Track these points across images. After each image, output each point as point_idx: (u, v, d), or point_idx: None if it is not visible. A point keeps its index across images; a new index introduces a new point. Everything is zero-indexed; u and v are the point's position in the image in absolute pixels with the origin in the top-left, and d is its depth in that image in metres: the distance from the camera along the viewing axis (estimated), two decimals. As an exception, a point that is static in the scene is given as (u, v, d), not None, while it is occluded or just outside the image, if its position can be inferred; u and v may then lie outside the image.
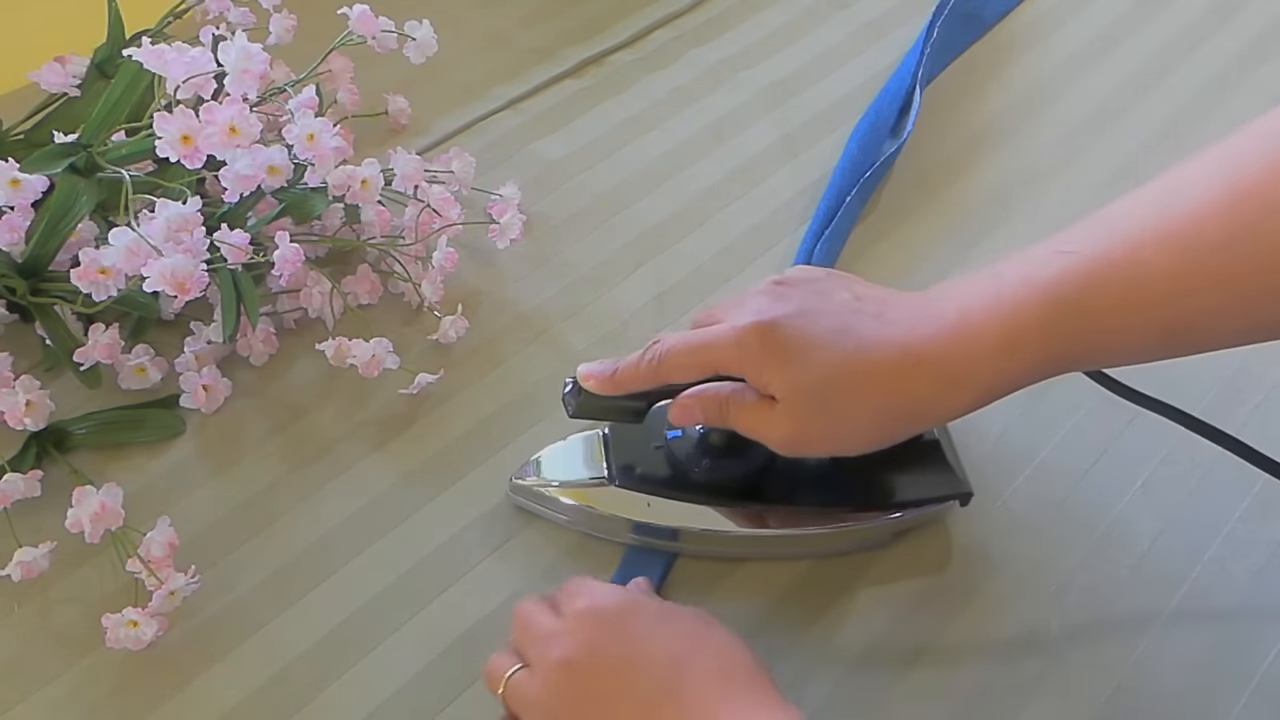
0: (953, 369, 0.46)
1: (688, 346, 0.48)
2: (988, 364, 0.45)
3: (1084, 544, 0.55)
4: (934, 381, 0.46)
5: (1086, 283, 0.44)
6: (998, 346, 0.45)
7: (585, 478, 0.54)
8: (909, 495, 0.53)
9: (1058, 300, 0.45)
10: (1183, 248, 0.44)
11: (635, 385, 0.50)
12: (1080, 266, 0.45)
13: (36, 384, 0.55)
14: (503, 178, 0.67)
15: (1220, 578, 0.54)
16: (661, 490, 0.53)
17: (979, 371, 0.46)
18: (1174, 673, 0.51)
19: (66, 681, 0.49)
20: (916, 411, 0.47)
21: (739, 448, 0.51)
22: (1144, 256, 0.44)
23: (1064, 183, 0.73)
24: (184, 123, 0.53)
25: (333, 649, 0.51)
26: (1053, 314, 0.45)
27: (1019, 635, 0.52)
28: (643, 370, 0.49)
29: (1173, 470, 0.58)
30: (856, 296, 0.48)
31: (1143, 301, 0.44)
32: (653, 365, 0.49)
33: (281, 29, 0.67)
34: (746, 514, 0.53)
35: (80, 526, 0.51)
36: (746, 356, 0.47)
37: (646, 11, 0.83)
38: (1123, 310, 0.44)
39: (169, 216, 0.51)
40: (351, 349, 0.58)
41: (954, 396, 0.46)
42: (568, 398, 0.51)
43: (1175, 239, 0.44)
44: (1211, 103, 0.78)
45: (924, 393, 0.46)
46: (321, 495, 0.56)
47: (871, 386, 0.46)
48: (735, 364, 0.47)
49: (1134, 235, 0.45)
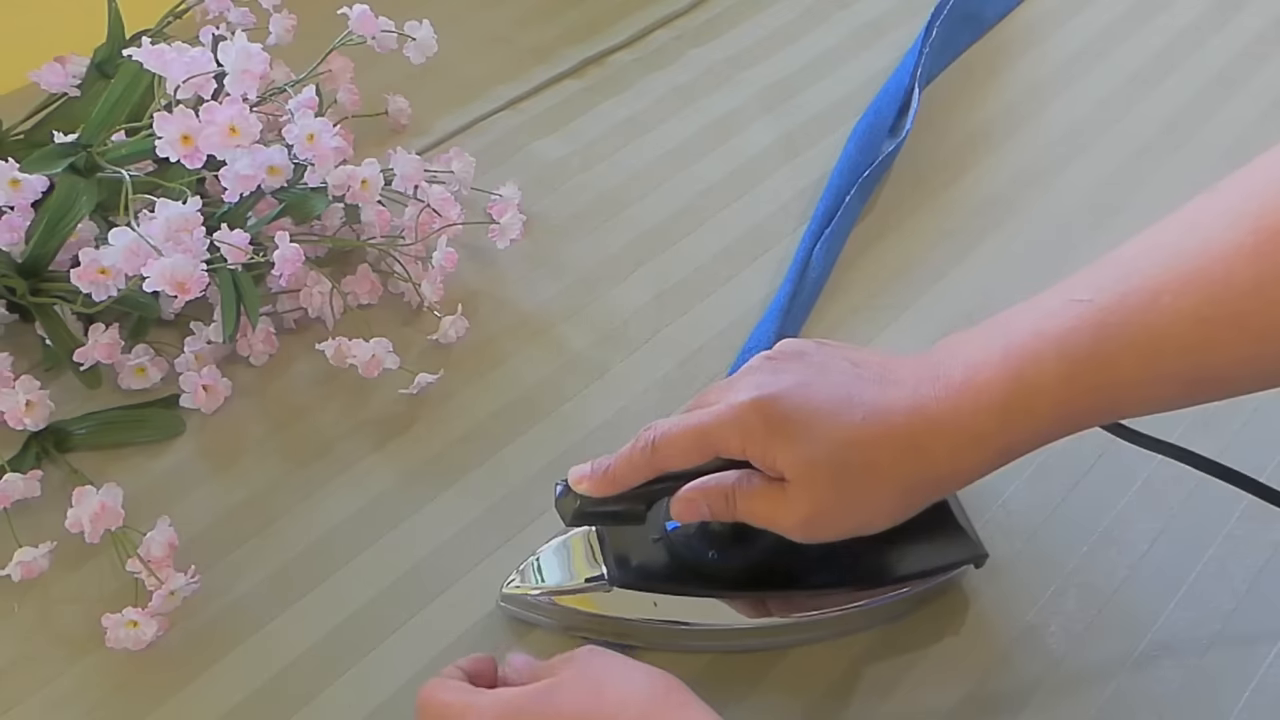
0: (966, 430, 0.43)
1: (683, 431, 0.45)
2: (1001, 423, 0.43)
3: (1084, 544, 0.55)
4: (948, 444, 0.43)
5: (1101, 334, 0.42)
6: (1010, 405, 0.42)
7: (580, 581, 0.50)
8: (922, 565, 0.50)
9: (1071, 354, 0.42)
10: (1207, 294, 0.40)
11: (631, 479, 0.46)
12: (1094, 317, 0.42)
13: (36, 384, 0.55)
14: (503, 178, 0.67)
15: (1220, 578, 0.54)
16: (666, 587, 0.49)
17: (992, 431, 0.43)
18: (1174, 673, 0.51)
19: (66, 681, 0.49)
20: (936, 478, 0.44)
21: (744, 534, 0.47)
22: (1164, 304, 0.41)
23: (1063, 183, 0.73)
24: (184, 123, 0.53)
25: (333, 649, 0.51)
26: (1067, 369, 0.42)
27: (1018, 635, 0.52)
28: (637, 460, 0.45)
29: (1173, 470, 0.58)
30: (854, 363, 0.46)
31: (1163, 353, 0.41)
32: (647, 454, 0.45)
33: (281, 29, 0.67)
34: (756, 603, 0.49)
35: (80, 526, 0.51)
36: (749, 436, 0.43)
37: (646, 11, 0.83)
38: (1141, 363, 0.41)
39: (169, 216, 0.51)
40: (351, 349, 0.58)
41: (969, 458, 0.43)
42: (561, 504, 0.47)
43: (1198, 284, 0.41)
44: (1211, 103, 0.78)
45: (941, 455, 0.43)
46: (321, 495, 0.56)
47: (889, 453, 0.43)
48: (737, 445, 0.44)
49: (1152, 280, 0.42)
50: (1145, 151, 0.75)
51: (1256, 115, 0.77)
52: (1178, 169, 0.74)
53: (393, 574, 0.53)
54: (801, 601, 0.50)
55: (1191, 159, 0.74)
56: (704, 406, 0.46)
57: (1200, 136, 0.76)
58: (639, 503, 0.47)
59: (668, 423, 0.46)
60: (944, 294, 0.66)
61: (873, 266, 0.67)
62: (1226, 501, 0.57)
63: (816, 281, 0.65)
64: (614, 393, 0.60)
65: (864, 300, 0.65)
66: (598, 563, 0.50)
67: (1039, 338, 0.43)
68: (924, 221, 0.70)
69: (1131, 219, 0.70)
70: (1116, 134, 0.76)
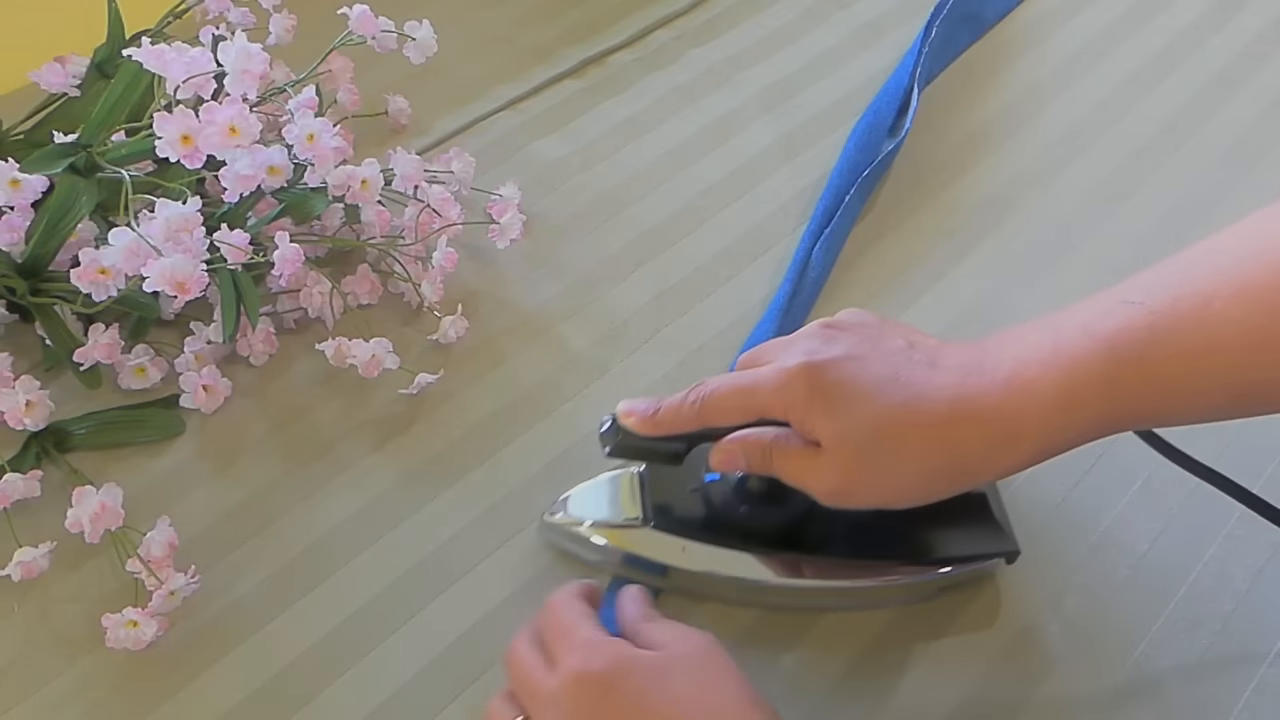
0: (1006, 425, 0.43)
1: (732, 389, 0.46)
2: (1043, 421, 0.43)
3: (1084, 544, 0.55)
4: (986, 438, 0.43)
5: (1151, 337, 0.41)
6: (1055, 403, 0.42)
7: (620, 519, 0.52)
8: (953, 551, 0.51)
9: (1119, 355, 0.42)
10: (1260, 302, 0.40)
11: (677, 427, 0.47)
12: (1144, 319, 0.42)
13: (36, 384, 0.55)
14: (503, 178, 0.67)
15: (1220, 578, 0.54)
16: (698, 535, 0.51)
17: (1033, 428, 0.43)
18: (1174, 673, 0.51)
19: (66, 681, 0.49)
20: (964, 470, 0.44)
21: (779, 494, 0.49)
22: (1214, 310, 0.41)
23: (1063, 183, 0.73)
24: (184, 123, 0.53)
25: (333, 649, 0.51)
26: (1114, 370, 0.42)
27: (1018, 635, 0.52)
28: (685, 412, 0.47)
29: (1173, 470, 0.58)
30: (910, 344, 0.46)
31: (1212, 361, 0.41)
32: (695, 407, 0.47)
33: (281, 29, 0.67)
34: (784, 563, 0.51)
35: (80, 526, 0.51)
36: (791, 400, 0.44)
37: (646, 11, 0.83)
38: (1189, 370, 0.41)
39: (169, 216, 0.51)
40: (351, 349, 0.58)
41: (1006, 453, 0.43)
42: (605, 435, 0.49)
43: (1251, 292, 0.40)
44: (1211, 103, 0.78)
45: (974, 450, 0.43)
46: (321, 495, 0.56)
47: (920, 440, 0.43)
48: (780, 408, 0.45)
49: (1205, 285, 0.41)
50: (1145, 151, 0.75)
51: (1256, 115, 0.77)
52: (1178, 169, 0.74)
53: (393, 574, 0.53)
54: (826, 568, 0.51)
55: (1191, 159, 0.74)
56: (756, 364, 0.47)
57: (1200, 137, 0.76)
58: (678, 445, 0.48)
59: (718, 380, 0.47)
60: (944, 294, 0.66)
61: (873, 266, 0.67)
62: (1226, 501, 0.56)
63: (816, 281, 0.65)
64: (614, 393, 0.60)
65: (864, 300, 0.65)
66: (636, 505, 0.52)
67: (1088, 336, 0.43)
68: (924, 221, 0.70)
69: (1131, 219, 0.70)
70: (1116, 134, 0.76)
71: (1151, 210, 0.71)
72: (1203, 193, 0.72)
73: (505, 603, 0.52)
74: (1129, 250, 0.68)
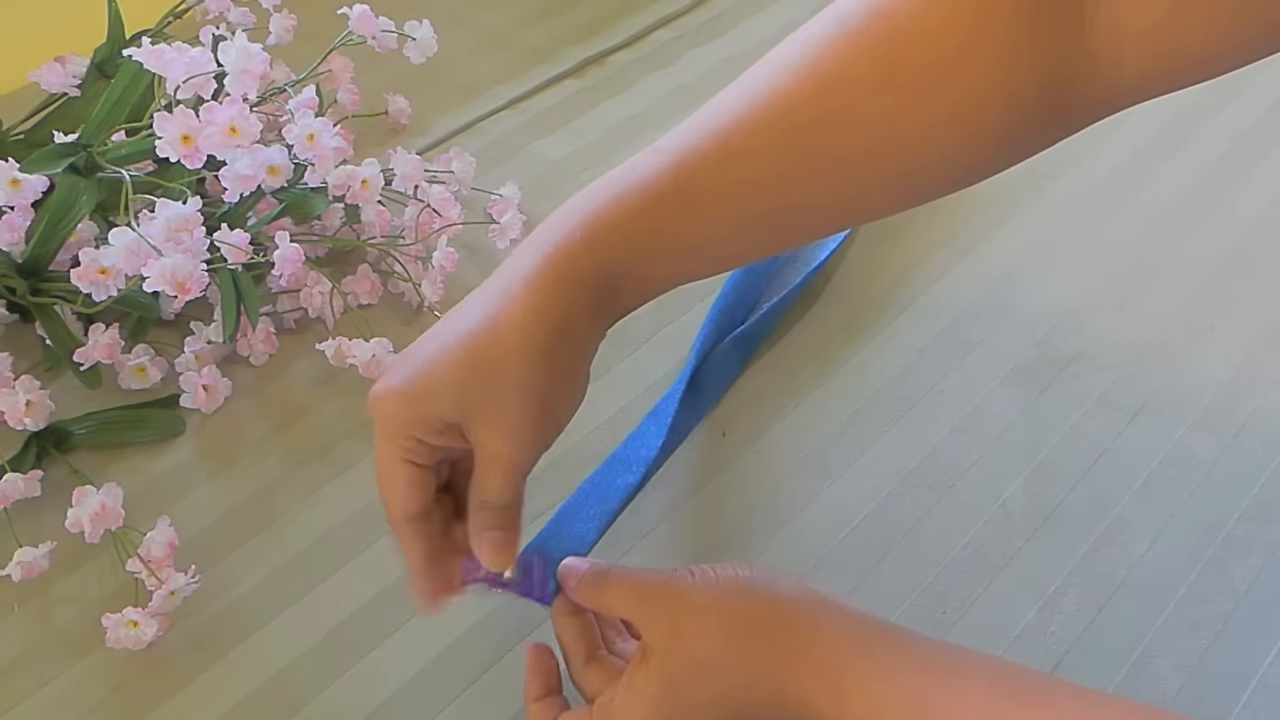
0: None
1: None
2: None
3: (1084, 544, 0.55)
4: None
5: (681, 176, 0.44)
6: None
7: None
8: None
9: (652, 207, 0.44)
10: (776, 131, 0.43)
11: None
12: (672, 169, 0.44)
13: (36, 384, 0.55)
14: (503, 178, 0.67)
15: (1220, 578, 0.54)
16: None
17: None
18: (1174, 672, 0.51)
19: (66, 681, 0.49)
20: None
21: None
22: (735, 144, 0.43)
23: (1063, 183, 0.73)
24: (184, 123, 0.53)
25: (333, 649, 0.51)
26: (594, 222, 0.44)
27: (1019, 636, 0.52)
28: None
29: (1173, 470, 0.58)
30: None
31: (741, 188, 0.43)
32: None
33: (281, 29, 0.67)
34: None
35: (80, 526, 0.51)
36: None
37: (646, 11, 0.83)
38: (721, 197, 0.44)
39: (169, 216, 0.51)
40: (351, 349, 0.58)
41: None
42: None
43: (766, 123, 0.43)
44: (1212, 104, 0.78)
45: None
46: (321, 495, 0.56)
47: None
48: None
49: (724, 125, 0.44)
50: (1145, 152, 0.75)
51: (1256, 116, 0.77)
52: (1178, 170, 0.74)
53: (393, 574, 0.53)
54: None
55: (1191, 160, 0.74)
56: None
57: (1200, 137, 0.76)
58: None
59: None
60: (944, 294, 0.66)
61: (872, 268, 0.67)
62: (1226, 501, 0.57)
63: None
64: (614, 393, 0.60)
65: (863, 300, 0.65)
66: None
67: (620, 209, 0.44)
68: (924, 222, 0.70)
69: (1131, 219, 0.70)
70: (1116, 135, 0.76)
71: (1152, 211, 0.71)
72: (1203, 193, 0.72)
73: (505, 603, 0.52)
74: (1129, 250, 0.68)
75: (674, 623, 0.42)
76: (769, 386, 0.61)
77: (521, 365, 0.42)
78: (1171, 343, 0.63)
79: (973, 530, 0.55)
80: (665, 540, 0.55)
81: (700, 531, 0.55)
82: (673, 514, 0.56)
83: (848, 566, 0.54)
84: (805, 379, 0.61)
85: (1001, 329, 0.64)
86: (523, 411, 0.42)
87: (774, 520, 0.56)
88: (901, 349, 0.63)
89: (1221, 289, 0.66)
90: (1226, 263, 0.67)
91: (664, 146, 0.45)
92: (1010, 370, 0.62)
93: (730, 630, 0.42)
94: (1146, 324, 0.64)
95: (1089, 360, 0.62)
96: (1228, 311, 0.65)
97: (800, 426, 0.59)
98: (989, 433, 0.59)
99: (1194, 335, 0.64)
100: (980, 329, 0.64)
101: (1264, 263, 0.67)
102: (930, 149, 0.44)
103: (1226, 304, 0.65)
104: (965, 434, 0.59)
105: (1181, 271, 0.67)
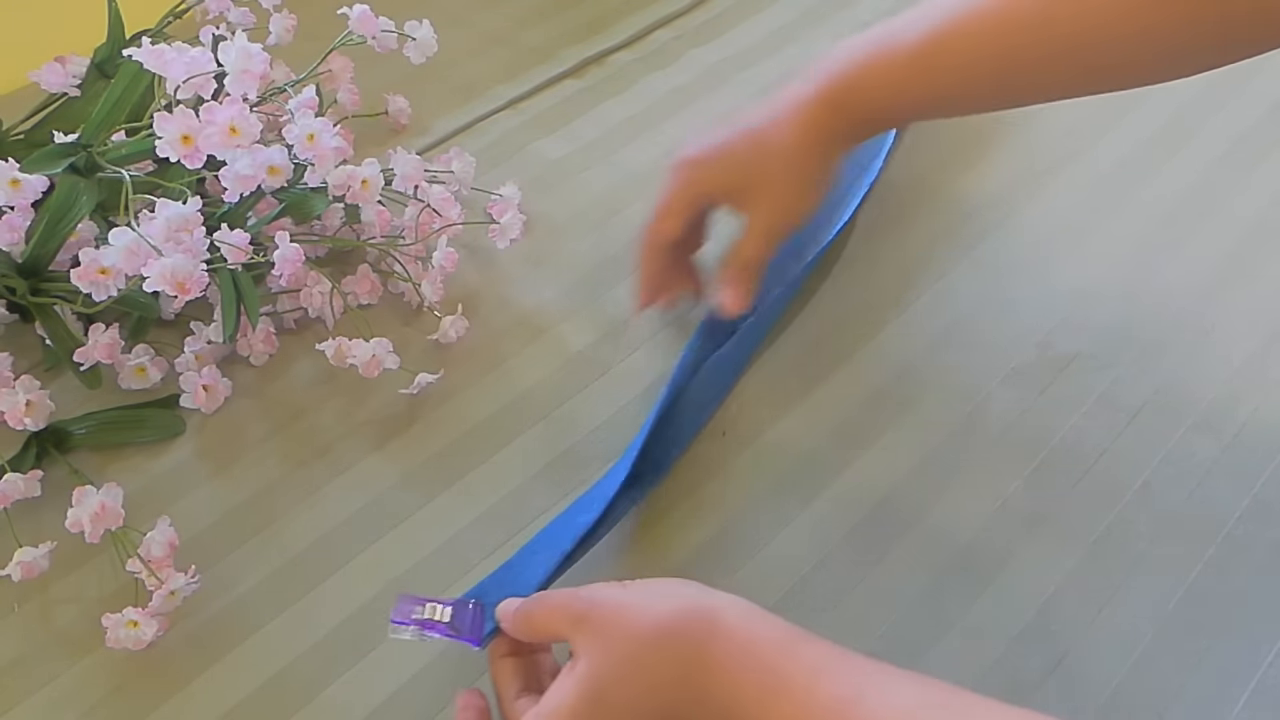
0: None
1: (659, 212, 0.59)
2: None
3: (1084, 543, 0.55)
4: None
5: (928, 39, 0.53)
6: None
7: None
8: None
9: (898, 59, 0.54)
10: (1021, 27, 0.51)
11: (653, 275, 0.60)
12: (918, 41, 0.54)
13: (36, 384, 0.55)
14: (503, 178, 0.67)
15: (1220, 578, 0.54)
16: None
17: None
18: (1174, 673, 0.51)
19: (66, 681, 0.49)
20: (840, 134, 0.57)
21: None
22: (971, 27, 0.53)
23: (1063, 183, 0.73)
24: (184, 123, 0.53)
25: (333, 649, 0.51)
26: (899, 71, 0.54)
27: (1019, 636, 0.52)
28: (645, 263, 0.60)
29: (1173, 470, 0.58)
30: None
31: (978, 61, 0.53)
32: (647, 249, 0.60)
33: (281, 29, 0.67)
34: None
35: (80, 526, 0.51)
36: (698, 183, 0.58)
37: (646, 11, 0.83)
38: (963, 65, 0.53)
39: (169, 216, 0.51)
40: (351, 349, 0.58)
41: None
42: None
43: (1013, 14, 0.52)
44: (1211, 103, 0.78)
45: None
46: (321, 495, 0.56)
47: (796, 126, 0.56)
48: (692, 195, 0.58)
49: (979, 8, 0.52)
50: (1146, 152, 0.75)
51: (1257, 116, 0.77)
52: (1178, 170, 0.74)
53: (393, 574, 0.53)
54: None
55: (1191, 159, 0.74)
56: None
57: (1200, 137, 0.76)
58: None
59: None
60: (944, 294, 0.66)
61: (873, 267, 0.67)
62: (1226, 501, 0.57)
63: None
64: (614, 393, 0.60)
65: (863, 299, 0.65)
66: None
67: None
68: (923, 222, 0.70)
69: (1131, 219, 0.70)
70: (1116, 135, 0.76)
71: (1152, 210, 0.71)
72: (1203, 194, 0.72)
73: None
74: (1129, 250, 0.68)
75: (600, 625, 0.43)
76: (769, 386, 0.61)
77: (793, 158, 0.56)
78: (1171, 343, 0.63)
79: (973, 530, 0.55)
80: (664, 540, 0.55)
81: (700, 531, 0.55)
82: (671, 513, 0.56)
83: (847, 566, 0.54)
84: (805, 379, 0.61)
85: (1001, 329, 0.64)
86: (786, 191, 0.57)
87: (774, 520, 0.56)
88: (901, 349, 0.63)
89: (1222, 289, 0.66)
90: (1227, 263, 0.67)
91: (924, 14, 0.54)
92: (1010, 370, 0.62)
93: (656, 630, 0.42)
94: (1146, 324, 0.64)
95: (1089, 360, 0.62)
96: (1228, 311, 0.65)
97: (800, 426, 0.59)
98: (989, 433, 0.59)
99: (1194, 335, 0.64)
100: (980, 329, 0.64)
101: (1264, 263, 0.67)
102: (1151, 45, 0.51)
103: (1226, 304, 0.65)
104: (965, 434, 0.59)
105: (1182, 271, 0.67)
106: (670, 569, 0.54)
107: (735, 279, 0.58)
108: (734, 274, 0.58)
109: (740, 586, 0.53)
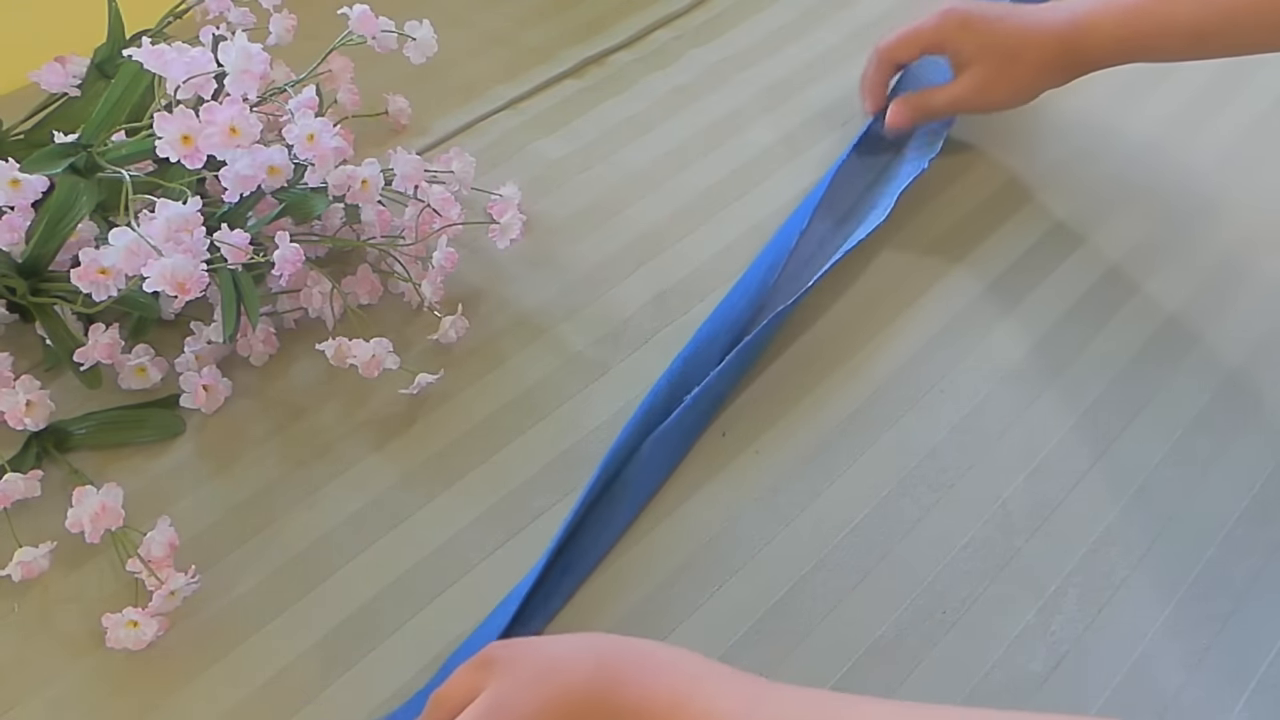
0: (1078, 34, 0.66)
1: (900, 36, 0.69)
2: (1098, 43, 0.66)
3: (1084, 544, 0.55)
4: (1063, 51, 0.66)
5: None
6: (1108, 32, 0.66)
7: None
8: None
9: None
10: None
11: (877, 85, 0.72)
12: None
13: (36, 384, 0.55)
14: (503, 178, 0.67)
15: (1219, 579, 0.54)
16: None
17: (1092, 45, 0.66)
18: (1174, 673, 0.51)
19: (66, 681, 0.49)
20: (1064, 66, 0.67)
21: None
22: None
23: (1063, 182, 0.73)
24: (184, 123, 0.53)
25: (333, 649, 0.51)
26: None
27: (1019, 636, 0.52)
28: (871, 73, 0.72)
29: (1172, 470, 0.58)
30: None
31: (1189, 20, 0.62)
32: (875, 62, 0.71)
33: (281, 29, 0.67)
34: None
35: (80, 526, 0.51)
36: (948, 34, 0.67)
37: (646, 11, 0.83)
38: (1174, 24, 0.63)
39: (169, 216, 0.51)
40: (351, 349, 0.58)
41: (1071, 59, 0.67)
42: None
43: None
44: (1211, 103, 0.78)
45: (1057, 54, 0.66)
46: (321, 495, 0.56)
47: (1041, 46, 0.66)
48: (937, 40, 0.68)
49: None
50: (1146, 152, 0.75)
51: (1256, 115, 0.77)
52: (1178, 170, 0.74)
53: (393, 574, 0.53)
54: None
55: (1191, 159, 0.74)
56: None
57: (1201, 136, 0.76)
58: None
59: (885, 40, 0.70)
60: (944, 293, 0.66)
61: (873, 270, 0.67)
62: (1226, 501, 0.57)
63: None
64: (614, 393, 0.61)
65: (863, 300, 0.65)
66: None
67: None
68: (923, 222, 0.70)
69: (1131, 218, 0.70)
70: (1116, 134, 0.76)
71: (1152, 210, 0.71)
72: (1203, 194, 0.72)
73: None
74: (1129, 249, 0.68)
75: (507, 658, 0.43)
76: (769, 386, 0.61)
77: (1023, 72, 0.67)
78: (1171, 343, 0.63)
79: (973, 530, 0.55)
80: (664, 540, 0.55)
81: (699, 532, 0.55)
82: (671, 514, 0.56)
83: (847, 566, 0.54)
84: (805, 379, 0.61)
85: (1002, 329, 0.64)
86: (998, 88, 0.68)
87: (774, 520, 0.56)
88: (901, 349, 0.63)
89: (1222, 288, 0.66)
90: (1227, 262, 0.67)
91: None
92: (1010, 370, 0.62)
93: (566, 649, 0.43)
94: (1147, 324, 0.64)
95: (1089, 360, 0.62)
96: (1227, 311, 0.65)
97: (800, 426, 0.59)
98: (989, 433, 0.59)
99: (1194, 335, 0.64)
100: (980, 329, 0.64)
101: (1264, 263, 0.67)
102: None
103: (1227, 304, 0.65)
104: (965, 434, 0.59)
105: (1181, 270, 0.67)
106: (670, 569, 0.54)
107: (910, 107, 0.69)
108: (912, 104, 0.69)
109: (740, 586, 0.53)
